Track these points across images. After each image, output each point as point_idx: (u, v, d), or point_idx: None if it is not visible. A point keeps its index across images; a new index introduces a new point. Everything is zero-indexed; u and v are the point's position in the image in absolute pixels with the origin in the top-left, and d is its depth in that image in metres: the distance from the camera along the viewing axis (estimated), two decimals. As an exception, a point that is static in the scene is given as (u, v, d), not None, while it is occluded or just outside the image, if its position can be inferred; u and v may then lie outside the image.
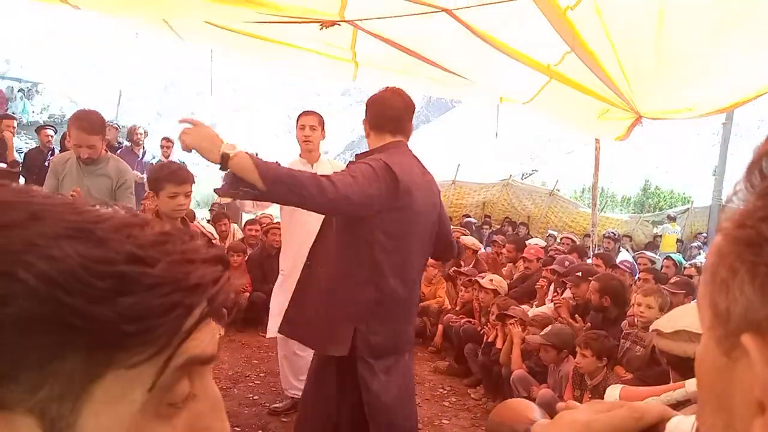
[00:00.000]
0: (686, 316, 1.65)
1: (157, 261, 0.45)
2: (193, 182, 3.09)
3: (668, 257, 7.33)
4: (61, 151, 6.76)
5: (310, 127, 3.84)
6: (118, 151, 8.37)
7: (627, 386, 1.47)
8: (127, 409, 0.44)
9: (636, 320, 3.82)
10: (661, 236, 12.26)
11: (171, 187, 2.94)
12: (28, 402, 0.42)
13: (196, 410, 0.49)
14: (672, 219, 12.36)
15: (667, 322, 1.73)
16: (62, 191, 3.53)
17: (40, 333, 0.41)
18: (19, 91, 19.57)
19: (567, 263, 5.43)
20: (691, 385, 1.34)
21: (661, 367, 3.48)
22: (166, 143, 8.22)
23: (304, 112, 3.97)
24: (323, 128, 3.93)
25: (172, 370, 0.46)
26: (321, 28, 3.87)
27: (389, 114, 2.49)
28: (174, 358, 0.45)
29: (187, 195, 3.03)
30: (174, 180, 2.94)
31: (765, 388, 0.40)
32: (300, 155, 3.95)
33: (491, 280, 5.29)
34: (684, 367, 1.66)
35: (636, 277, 5.86)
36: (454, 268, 6.34)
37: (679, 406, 1.27)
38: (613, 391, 1.47)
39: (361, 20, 3.91)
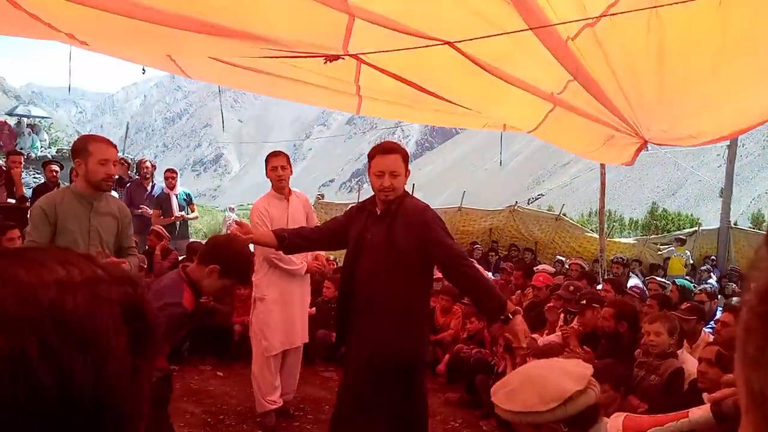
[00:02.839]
0: (524, 392, 1.54)
1: None
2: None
3: (674, 282, 7.24)
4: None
5: (281, 167, 4.36)
6: (127, 185, 8.42)
7: (630, 414, 1.41)
8: None
9: (649, 348, 3.75)
10: (668, 259, 12.15)
11: None
12: None
13: None
14: (681, 242, 12.23)
15: (506, 399, 1.62)
16: (64, 236, 3.15)
17: None
18: (27, 126, 19.85)
19: (572, 288, 5.39)
20: (694, 414, 1.28)
21: (678, 396, 3.43)
22: (170, 174, 8.13)
23: (272, 153, 4.45)
24: (291, 165, 4.48)
25: None
26: (325, 63, 3.90)
27: None
28: None
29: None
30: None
31: None
32: (273, 190, 4.42)
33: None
34: None
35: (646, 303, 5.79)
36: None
37: None
38: (616, 421, 1.42)
39: (364, 54, 3.95)
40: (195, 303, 2.75)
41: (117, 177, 8.77)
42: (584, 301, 4.64)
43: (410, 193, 3.16)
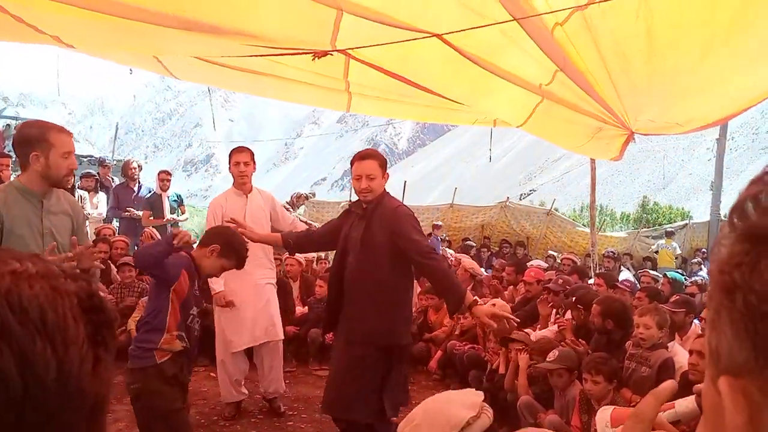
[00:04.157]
0: (428, 425, 1.62)
1: None
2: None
3: (665, 275, 7.27)
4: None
5: (244, 163, 4.35)
6: (114, 187, 8.35)
7: (618, 407, 1.43)
8: None
9: (639, 341, 3.77)
10: (657, 252, 12.25)
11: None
12: None
13: None
14: (669, 235, 12.32)
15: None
16: (13, 241, 2.64)
17: None
18: (15, 129, 19.69)
19: (561, 281, 5.41)
20: (680, 405, 1.29)
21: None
22: (165, 176, 8.02)
23: (236, 149, 4.43)
24: (254, 162, 4.45)
25: None
26: (313, 59, 3.89)
27: None
28: None
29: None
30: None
31: None
32: (234, 186, 4.43)
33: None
34: None
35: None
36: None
37: None
38: (604, 414, 1.43)
39: (352, 49, 3.93)
40: (189, 288, 2.96)
41: (98, 178, 8.64)
42: (573, 299, 4.66)
43: (389, 194, 3.46)
